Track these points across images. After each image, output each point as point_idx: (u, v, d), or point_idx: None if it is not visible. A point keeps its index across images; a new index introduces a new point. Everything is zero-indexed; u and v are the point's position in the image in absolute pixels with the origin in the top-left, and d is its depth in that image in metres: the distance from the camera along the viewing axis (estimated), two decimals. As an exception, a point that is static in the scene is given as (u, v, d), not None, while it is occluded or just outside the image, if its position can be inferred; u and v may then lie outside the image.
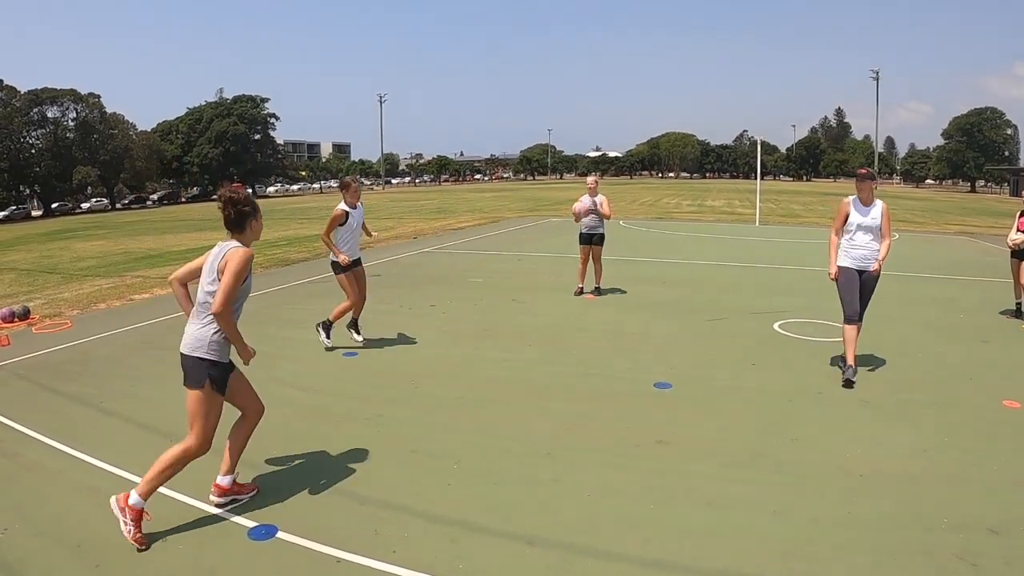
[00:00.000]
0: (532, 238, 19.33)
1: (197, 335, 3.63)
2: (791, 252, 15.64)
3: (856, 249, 6.03)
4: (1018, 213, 8.51)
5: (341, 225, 7.12)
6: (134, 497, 3.46)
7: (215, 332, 3.63)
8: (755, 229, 22.00)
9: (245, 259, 3.68)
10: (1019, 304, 8.52)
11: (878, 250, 5.97)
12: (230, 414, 3.91)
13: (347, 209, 7.15)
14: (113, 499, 3.49)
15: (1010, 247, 8.51)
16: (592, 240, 9.84)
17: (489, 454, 4.55)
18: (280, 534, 3.55)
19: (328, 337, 7.24)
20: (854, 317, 5.97)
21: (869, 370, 6.21)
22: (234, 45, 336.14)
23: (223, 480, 3.90)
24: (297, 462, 4.45)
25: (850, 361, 5.87)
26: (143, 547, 3.39)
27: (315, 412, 5.36)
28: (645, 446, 4.63)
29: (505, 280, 11.71)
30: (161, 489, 4.03)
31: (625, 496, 3.94)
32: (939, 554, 3.27)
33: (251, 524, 3.65)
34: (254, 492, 4.02)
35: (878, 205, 6.01)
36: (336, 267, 7.20)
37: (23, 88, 61.74)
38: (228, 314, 3.59)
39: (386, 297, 10.16)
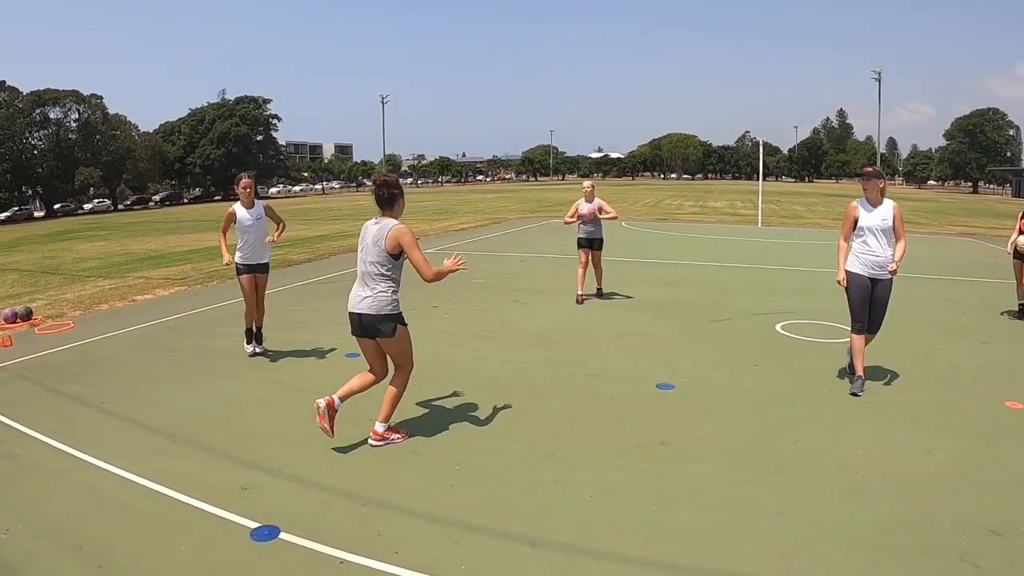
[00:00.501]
0: (534, 239, 19.33)
1: (378, 300, 4.52)
2: (793, 253, 15.63)
3: (867, 255, 5.65)
4: (1020, 215, 8.49)
5: (233, 223, 7.00)
6: (379, 426, 4.61)
7: (392, 294, 4.57)
8: (757, 230, 21.98)
9: (409, 231, 4.48)
10: (1021, 305, 8.50)
11: (892, 255, 5.63)
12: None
13: (236, 209, 6.98)
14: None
15: (1013, 251, 8.50)
16: (592, 245, 9.73)
17: (491, 455, 4.55)
18: (282, 535, 3.55)
19: (248, 343, 7.15)
20: (863, 328, 5.71)
21: (871, 371, 6.20)
22: (236, 46, 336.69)
23: (379, 427, 4.65)
24: (299, 463, 4.45)
25: (859, 371, 5.64)
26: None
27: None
28: (647, 447, 4.63)
29: (507, 281, 11.72)
30: (162, 489, 4.07)
31: (627, 497, 3.94)
32: (941, 555, 3.27)
33: (253, 525, 3.65)
34: (406, 436, 4.77)
35: (888, 205, 5.64)
36: (237, 268, 7.09)
37: (25, 89, 62.02)
38: (431, 274, 4.47)
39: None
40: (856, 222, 5.71)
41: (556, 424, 5.05)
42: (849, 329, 7.29)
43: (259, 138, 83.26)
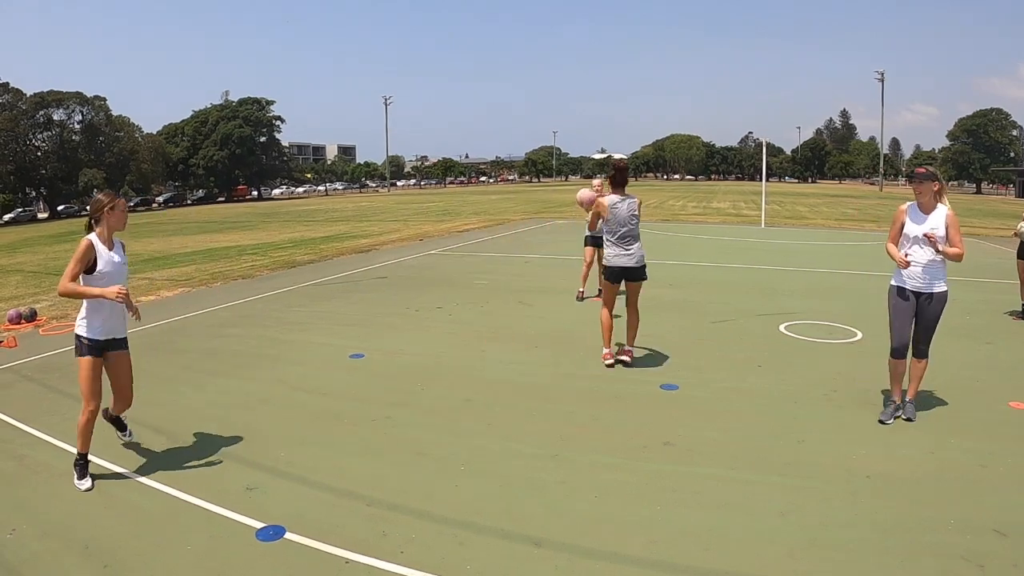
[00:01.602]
0: (538, 240, 19.33)
1: (641, 253, 6.46)
2: (797, 254, 15.61)
3: (912, 266, 4.93)
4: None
5: (87, 273, 4.38)
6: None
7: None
8: (761, 231, 21.96)
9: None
10: (1025, 305, 8.50)
11: (940, 270, 4.93)
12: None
13: (94, 241, 4.51)
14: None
15: (1017, 251, 8.51)
16: (599, 244, 9.73)
17: (496, 456, 4.55)
18: (288, 535, 3.56)
19: (122, 433, 4.85)
20: (901, 349, 5.04)
21: (875, 373, 6.19)
22: (239, 48, 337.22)
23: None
24: (305, 463, 4.46)
25: (895, 396, 5.12)
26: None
27: (322, 414, 5.37)
28: (651, 448, 4.63)
29: (511, 282, 11.72)
30: (168, 489, 4.10)
31: (631, 497, 3.94)
32: (945, 555, 3.27)
33: (259, 525, 3.67)
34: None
35: (941, 211, 4.89)
36: (78, 345, 4.46)
37: (29, 91, 62.17)
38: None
39: (392, 300, 10.19)
40: (903, 228, 5.02)
41: (560, 425, 5.06)
42: (853, 330, 7.28)
43: (262, 139, 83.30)
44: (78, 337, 4.45)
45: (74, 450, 4.44)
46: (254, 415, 5.40)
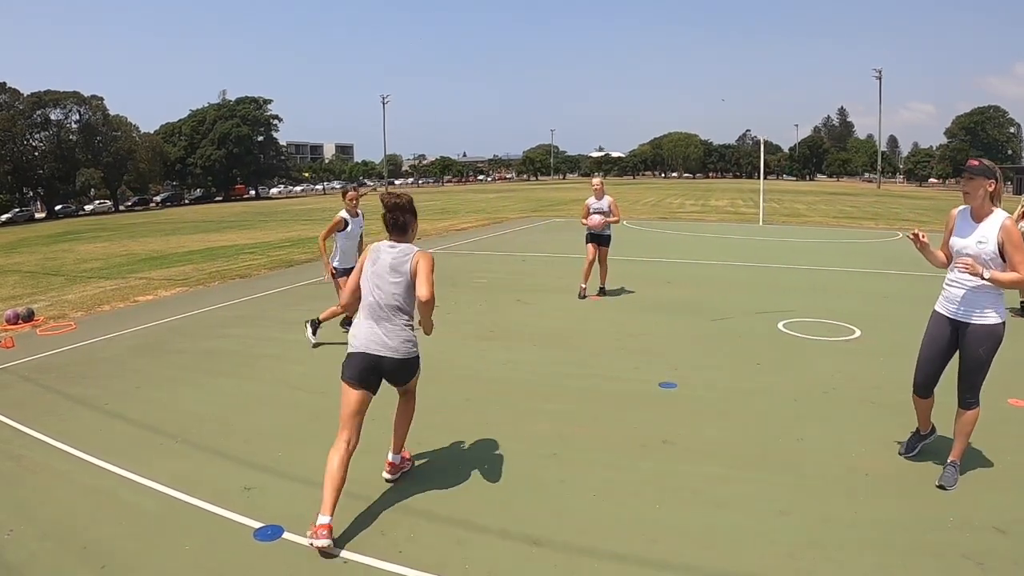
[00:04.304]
0: (536, 239, 19.32)
1: (407, 342, 3.84)
2: (795, 252, 15.61)
3: (953, 287, 3.94)
4: (1021, 205, 8.48)
5: (339, 231, 7.55)
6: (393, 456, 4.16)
7: (413, 331, 3.90)
8: (759, 229, 21.96)
9: (431, 258, 3.96)
10: (1023, 302, 8.49)
11: (989, 295, 3.82)
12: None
13: (346, 217, 7.51)
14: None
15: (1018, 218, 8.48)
16: (600, 241, 9.79)
17: (495, 455, 4.54)
18: (286, 535, 3.55)
19: (315, 334, 7.45)
20: (921, 388, 4.22)
21: (874, 371, 6.20)
22: (237, 47, 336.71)
23: (394, 458, 4.20)
24: (303, 463, 4.44)
25: (920, 425, 4.42)
26: None
27: (321, 413, 5.35)
28: (650, 446, 4.63)
29: (509, 281, 11.71)
30: (166, 489, 4.08)
31: (630, 496, 3.93)
32: (946, 554, 3.26)
33: (257, 525, 3.66)
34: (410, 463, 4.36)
35: (995, 219, 3.75)
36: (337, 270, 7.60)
37: (26, 91, 62.07)
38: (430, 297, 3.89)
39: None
40: (951, 236, 3.99)
41: (559, 424, 5.05)
42: (852, 328, 7.26)
43: (260, 139, 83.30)
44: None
45: (75, 451, 4.57)
46: (252, 415, 5.38)
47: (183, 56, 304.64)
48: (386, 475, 4.18)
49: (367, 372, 3.76)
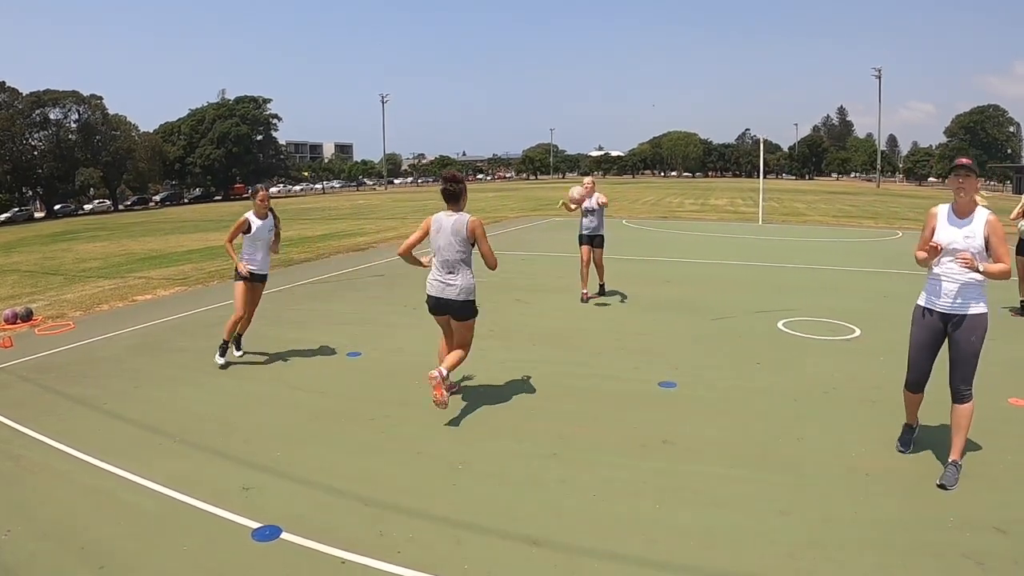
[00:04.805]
0: (535, 238, 19.31)
1: (466, 285, 5.11)
2: (794, 251, 15.61)
3: (945, 281, 4.03)
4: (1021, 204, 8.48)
5: (244, 233, 6.86)
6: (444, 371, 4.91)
7: (473, 278, 5.19)
8: (758, 228, 21.95)
9: (482, 223, 5.37)
10: (1023, 302, 8.48)
11: (976, 287, 4.00)
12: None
13: (250, 218, 6.84)
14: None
15: (1015, 246, 8.50)
16: (593, 242, 9.68)
17: (494, 455, 4.54)
18: (284, 535, 3.55)
19: (222, 355, 6.71)
20: (915, 383, 4.31)
21: (874, 370, 6.19)
22: (236, 46, 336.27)
23: (444, 372, 4.92)
24: (302, 463, 4.44)
25: (910, 420, 4.52)
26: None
27: (320, 413, 5.35)
28: (650, 446, 4.62)
29: (508, 280, 11.69)
30: (164, 489, 4.08)
31: (630, 496, 3.93)
32: (946, 553, 3.26)
33: (255, 525, 3.65)
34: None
35: (980, 218, 3.98)
36: (235, 274, 6.95)
37: (25, 90, 61.96)
38: (495, 263, 5.34)
39: (390, 298, 10.17)
40: (932, 235, 4.11)
41: (558, 423, 5.04)
42: (851, 327, 7.25)
43: (259, 138, 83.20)
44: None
45: (73, 451, 4.56)
46: (251, 414, 5.38)
47: (182, 55, 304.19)
48: (442, 394, 4.83)
49: (441, 308, 5.17)
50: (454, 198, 5.15)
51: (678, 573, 3.18)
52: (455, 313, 5.11)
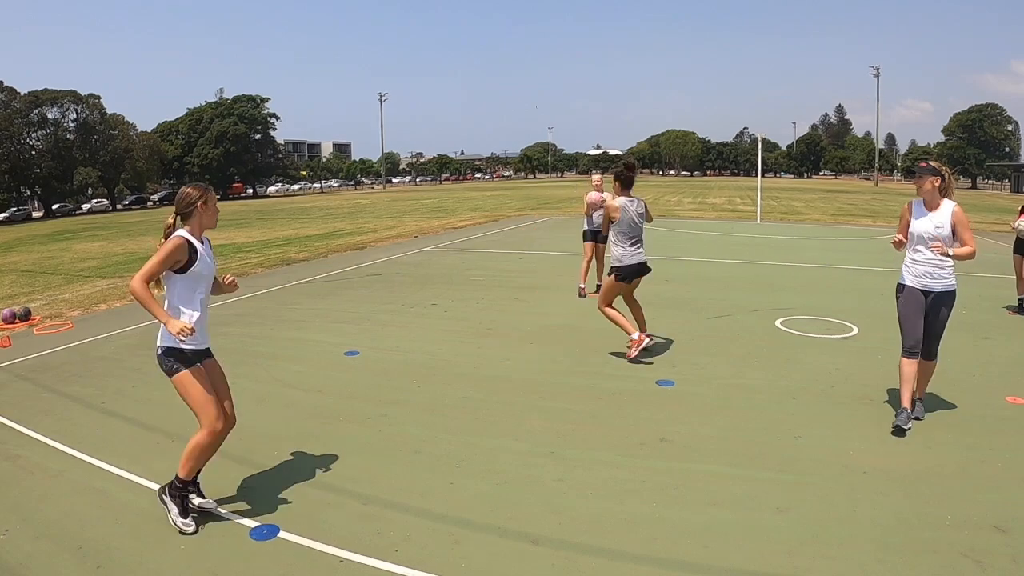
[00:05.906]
0: (533, 237, 19.31)
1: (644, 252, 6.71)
2: (792, 249, 15.62)
3: (919, 264, 4.82)
4: (1020, 208, 8.51)
5: (177, 272, 3.69)
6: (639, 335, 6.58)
7: None
8: (756, 226, 21.96)
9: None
10: (1021, 300, 8.50)
11: (947, 268, 4.75)
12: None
13: (187, 238, 3.76)
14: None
15: (1014, 245, 8.54)
16: (598, 239, 9.76)
17: (492, 453, 4.53)
18: (282, 534, 3.54)
19: (184, 514, 3.64)
20: (914, 348, 4.82)
21: (872, 368, 6.19)
22: (234, 45, 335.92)
23: (642, 335, 6.53)
24: (299, 462, 4.44)
25: (904, 403, 4.78)
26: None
27: (318, 412, 5.35)
28: (648, 444, 4.62)
29: (507, 279, 11.69)
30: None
31: (629, 494, 3.92)
32: (944, 551, 3.26)
33: (253, 524, 3.64)
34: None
35: (946, 208, 4.73)
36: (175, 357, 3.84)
37: (23, 90, 61.80)
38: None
39: (388, 297, 10.16)
40: (908, 227, 4.88)
41: (557, 422, 5.04)
42: (849, 325, 7.27)
43: (257, 137, 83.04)
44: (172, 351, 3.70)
45: (71, 450, 4.45)
46: (249, 413, 5.35)
47: (180, 55, 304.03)
48: (635, 351, 6.40)
49: (635, 274, 6.67)
50: (631, 184, 6.66)
51: (676, 571, 3.18)
52: (640, 274, 6.70)
